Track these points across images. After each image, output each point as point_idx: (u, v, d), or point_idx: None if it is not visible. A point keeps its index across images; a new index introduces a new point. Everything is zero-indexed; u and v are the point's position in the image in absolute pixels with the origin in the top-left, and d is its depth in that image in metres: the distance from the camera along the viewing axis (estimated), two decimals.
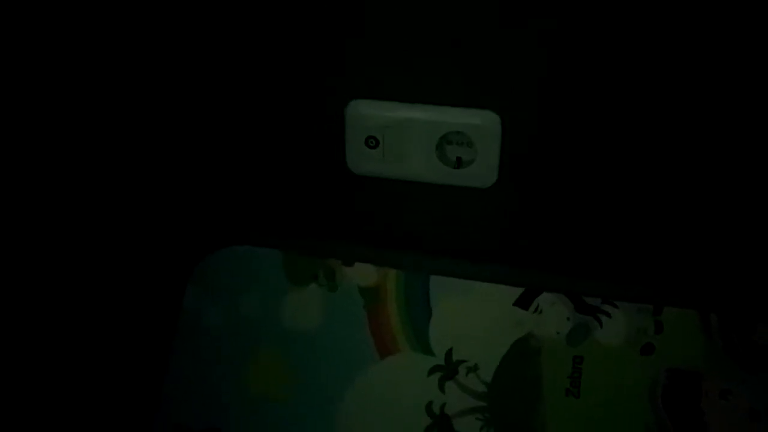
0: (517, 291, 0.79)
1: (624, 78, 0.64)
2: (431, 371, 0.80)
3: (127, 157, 0.82)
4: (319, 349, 0.82)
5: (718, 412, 0.74)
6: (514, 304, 0.79)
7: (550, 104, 0.67)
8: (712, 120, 0.65)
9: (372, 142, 0.72)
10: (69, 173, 0.80)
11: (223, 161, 0.80)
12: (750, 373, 0.74)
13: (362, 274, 0.82)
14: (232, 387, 0.82)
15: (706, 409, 0.74)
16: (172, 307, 0.85)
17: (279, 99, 0.73)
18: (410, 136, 0.71)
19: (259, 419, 0.81)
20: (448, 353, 0.80)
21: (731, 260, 0.74)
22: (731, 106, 0.64)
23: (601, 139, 0.68)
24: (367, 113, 0.71)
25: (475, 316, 0.80)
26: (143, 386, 0.84)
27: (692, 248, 0.74)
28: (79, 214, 0.81)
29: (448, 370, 0.80)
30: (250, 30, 0.69)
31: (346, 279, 0.82)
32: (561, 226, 0.76)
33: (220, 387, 0.82)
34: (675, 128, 0.66)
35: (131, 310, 0.85)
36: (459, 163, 0.73)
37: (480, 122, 0.69)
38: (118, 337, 0.84)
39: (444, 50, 0.66)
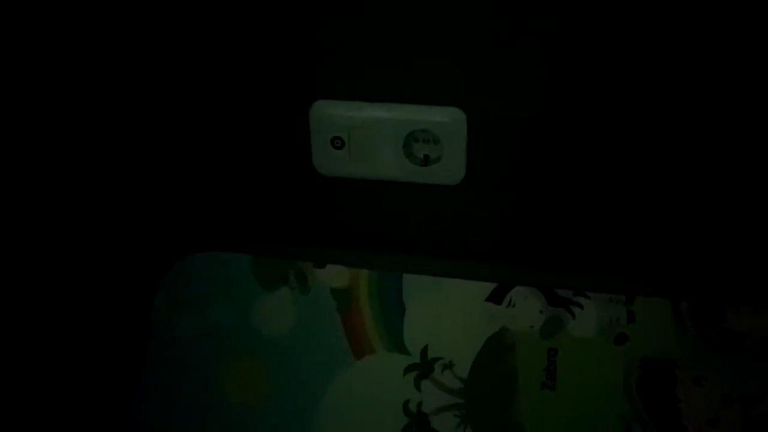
0: (490, 286, 0.79)
1: (589, 71, 0.64)
2: (407, 370, 0.80)
3: (91, 165, 0.81)
4: (294, 353, 0.81)
5: (692, 398, 0.75)
6: (486, 300, 0.79)
7: (514, 99, 0.67)
8: (683, 112, 0.65)
9: (338, 142, 0.72)
10: (32, 181, 0.79)
11: (188, 167, 0.79)
12: (723, 359, 0.75)
13: (334, 275, 0.82)
14: (207, 395, 0.81)
15: (681, 396, 0.75)
16: (142, 315, 0.84)
17: (243, 101, 0.72)
18: (376, 136, 0.71)
19: (237, 426, 0.80)
20: (423, 351, 0.80)
21: (700, 249, 0.75)
22: (702, 106, 0.64)
23: (566, 130, 0.69)
24: (332, 113, 0.71)
25: (449, 313, 0.80)
26: (116, 396, 0.83)
27: (661, 238, 0.75)
28: (44, 224, 0.80)
29: (423, 368, 0.79)
30: (212, 32, 0.68)
31: (317, 281, 0.82)
32: (530, 220, 0.76)
33: (196, 395, 0.81)
34: (642, 117, 0.67)
35: (100, 321, 0.84)
36: (426, 161, 0.72)
37: (446, 119, 0.69)
38: (88, 349, 0.83)
39: (408, 48, 0.65)
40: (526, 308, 0.79)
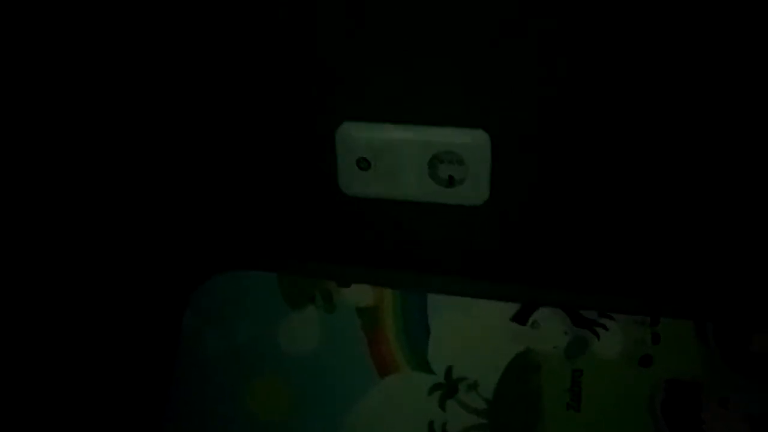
0: (514, 306, 0.80)
1: (616, 94, 0.65)
2: (432, 390, 0.80)
3: (121, 186, 0.82)
4: (319, 371, 0.82)
5: (717, 421, 0.74)
6: (511, 320, 0.80)
7: (539, 121, 0.68)
8: (705, 133, 0.66)
9: (363, 163, 0.73)
10: (65, 201, 0.80)
11: (216, 187, 0.80)
12: (748, 381, 0.74)
13: (359, 294, 0.83)
14: (233, 412, 0.82)
15: (705, 418, 0.74)
16: (172, 334, 0.85)
17: (270, 122, 0.74)
18: (401, 157, 0.72)
19: None
20: (448, 371, 0.80)
21: (725, 270, 0.75)
22: (725, 121, 0.65)
23: (591, 153, 0.69)
24: (358, 135, 0.72)
25: (474, 333, 0.80)
26: (145, 413, 0.84)
27: (687, 259, 0.75)
28: (74, 244, 0.81)
29: (448, 387, 0.80)
30: (241, 55, 0.70)
31: (343, 300, 0.83)
32: (554, 240, 0.76)
33: (222, 412, 0.82)
34: (665, 140, 0.67)
35: (130, 339, 0.85)
36: (451, 182, 0.73)
37: (470, 141, 0.70)
38: (117, 368, 0.84)
39: (433, 72, 0.67)
40: (550, 329, 0.79)
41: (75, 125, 0.78)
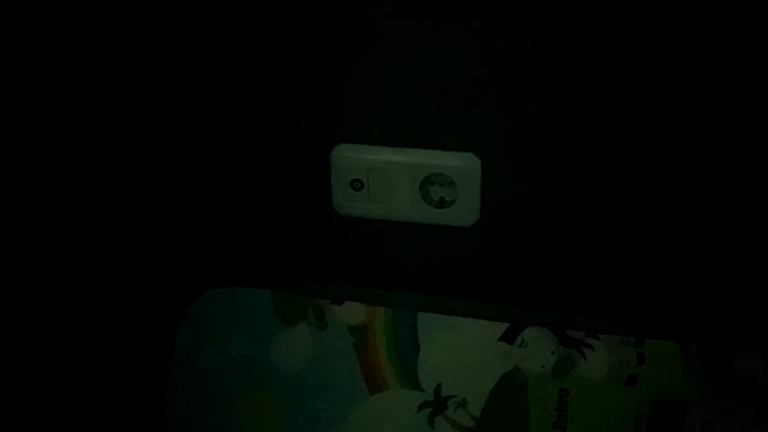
0: (503, 326, 0.81)
1: (603, 119, 0.67)
2: (421, 407, 0.81)
3: (117, 200, 0.83)
4: (310, 387, 0.83)
5: None
6: (499, 339, 0.81)
7: (527, 145, 0.69)
8: (689, 158, 0.67)
9: (357, 184, 0.74)
10: (61, 216, 0.81)
11: (211, 204, 0.82)
12: (731, 402, 0.76)
13: (351, 312, 0.84)
14: (224, 426, 0.83)
15: None
16: (164, 348, 0.86)
17: (268, 143, 0.75)
18: (394, 178, 0.73)
19: None
20: (437, 389, 0.81)
21: (710, 292, 0.76)
22: (707, 146, 0.66)
23: (579, 178, 0.71)
24: (353, 157, 0.73)
25: (463, 352, 0.81)
26: (137, 425, 0.85)
27: (671, 281, 0.76)
28: (70, 258, 0.82)
29: (437, 405, 0.81)
30: (240, 76, 0.71)
31: (335, 318, 0.84)
32: (542, 261, 0.78)
33: (213, 426, 0.83)
34: (654, 165, 0.68)
35: (123, 354, 0.86)
36: (442, 203, 0.75)
37: (461, 164, 0.71)
38: (110, 377, 0.85)
39: (425, 96, 0.68)
40: (538, 348, 0.80)
41: (71, 135, 0.79)
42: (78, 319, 0.83)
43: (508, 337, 0.81)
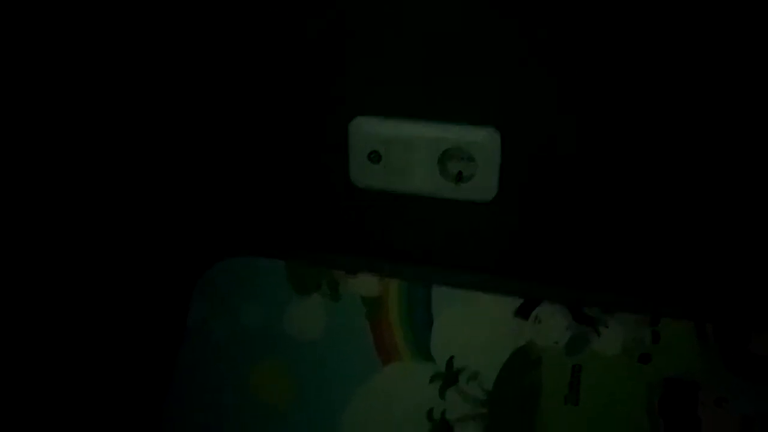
0: (517, 301, 0.81)
1: (623, 90, 0.65)
2: (432, 379, 0.81)
3: (131, 169, 0.83)
4: (322, 358, 0.83)
5: (713, 420, 0.75)
6: (514, 314, 0.81)
7: (548, 120, 0.69)
8: (706, 135, 0.66)
9: (375, 156, 0.74)
10: (73, 186, 0.81)
11: (228, 173, 0.81)
12: (745, 381, 0.76)
13: (365, 284, 0.84)
14: (237, 395, 0.83)
15: (702, 416, 0.76)
16: (178, 316, 0.86)
17: (286, 113, 0.74)
18: (412, 152, 0.73)
19: (264, 427, 0.82)
20: (449, 361, 0.81)
21: (726, 272, 0.76)
22: (725, 124, 0.65)
23: (598, 153, 0.70)
24: (371, 129, 0.72)
25: (476, 326, 0.81)
26: (150, 394, 0.85)
27: (688, 260, 0.76)
28: (83, 228, 0.82)
29: (448, 377, 0.81)
30: (258, 46, 0.70)
31: (348, 289, 0.84)
32: (560, 238, 0.77)
33: (226, 395, 0.84)
34: (672, 139, 0.68)
35: (136, 321, 0.86)
36: (460, 178, 0.74)
37: (480, 139, 0.71)
38: (123, 348, 0.85)
39: (446, 68, 0.67)
40: (552, 324, 0.80)
41: (84, 109, 0.79)
42: (92, 290, 0.83)
43: (523, 313, 0.81)
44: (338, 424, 0.81)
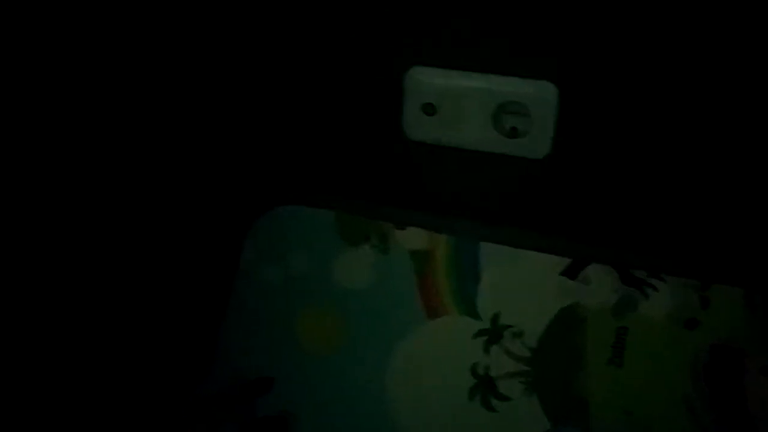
0: (565, 261, 0.81)
1: (687, 45, 0.64)
2: (477, 334, 0.82)
3: (185, 119, 0.84)
4: (369, 308, 0.84)
5: (758, 387, 0.75)
6: (561, 274, 0.81)
7: (607, 76, 0.68)
8: (754, 102, 0.65)
9: (429, 109, 0.74)
10: (134, 137, 0.83)
11: (280, 122, 0.82)
12: None
13: (414, 237, 0.84)
14: (285, 339, 0.85)
15: (747, 384, 0.75)
16: (230, 262, 0.88)
17: (340, 63, 0.75)
18: (467, 105, 0.73)
19: (311, 371, 0.84)
20: (495, 318, 0.82)
21: None
22: None
23: (657, 112, 0.69)
24: (426, 80, 0.73)
25: (523, 284, 0.81)
26: (203, 336, 0.87)
27: (743, 228, 0.75)
28: (136, 179, 0.84)
29: (493, 334, 0.81)
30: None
31: (397, 242, 0.84)
32: (612, 200, 0.77)
33: (274, 339, 0.85)
34: (731, 100, 0.67)
35: (190, 266, 0.88)
36: (514, 133, 0.74)
37: (537, 93, 0.70)
38: (179, 291, 0.88)
39: (504, 20, 0.67)
40: (599, 285, 0.80)
41: (137, 64, 0.80)
42: (148, 238, 0.85)
43: (570, 273, 0.80)
44: (382, 374, 0.83)
